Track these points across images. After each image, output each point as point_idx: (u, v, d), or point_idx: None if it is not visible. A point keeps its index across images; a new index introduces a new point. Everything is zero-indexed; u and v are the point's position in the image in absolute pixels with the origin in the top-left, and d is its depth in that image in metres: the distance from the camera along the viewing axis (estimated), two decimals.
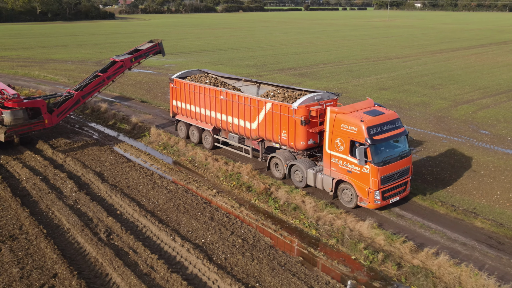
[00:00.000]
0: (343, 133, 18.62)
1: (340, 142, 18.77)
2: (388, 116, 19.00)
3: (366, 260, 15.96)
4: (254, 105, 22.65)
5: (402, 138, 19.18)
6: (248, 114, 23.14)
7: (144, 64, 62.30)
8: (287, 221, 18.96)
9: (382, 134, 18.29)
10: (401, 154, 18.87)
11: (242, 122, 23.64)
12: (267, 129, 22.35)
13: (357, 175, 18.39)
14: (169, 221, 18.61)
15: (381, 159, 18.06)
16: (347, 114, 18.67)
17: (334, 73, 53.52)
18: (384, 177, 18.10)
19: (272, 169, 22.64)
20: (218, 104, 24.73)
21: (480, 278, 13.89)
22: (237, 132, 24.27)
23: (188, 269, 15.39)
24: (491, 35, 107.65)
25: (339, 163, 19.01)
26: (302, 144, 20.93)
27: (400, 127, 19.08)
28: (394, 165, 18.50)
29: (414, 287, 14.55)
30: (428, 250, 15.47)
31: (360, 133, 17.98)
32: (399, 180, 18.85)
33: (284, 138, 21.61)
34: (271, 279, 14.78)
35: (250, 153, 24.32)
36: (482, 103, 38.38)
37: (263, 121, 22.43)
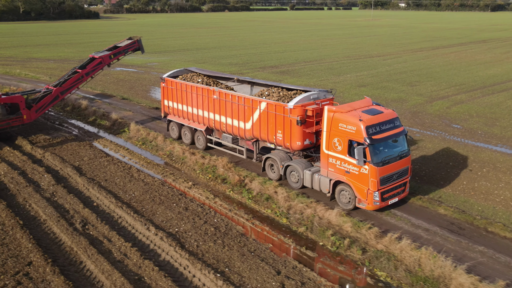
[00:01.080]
0: (341, 133, 18.11)
1: (338, 142, 18.27)
2: (387, 115, 18.52)
3: (333, 246, 16.61)
4: (248, 105, 22.08)
5: (401, 138, 18.70)
6: (242, 114, 22.56)
7: (127, 62, 62.72)
8: (260, 210, 19.55)
9: (381, 133, 17.81)
10: (400, 154, 18.39)
11: (236, 122, 23.07)
12: (262, 129, 21.78)
13: (356, 175, 17.89)
14: (144, 212, 19.08)
15: (380, 159, 17.59)
16: (345, 113, 18.18)
17: (315, 71, 54.26)
18: (383, 178, 17.64)
19: (267, 170, 22.07)
20: (211, 104, 24.18)
21: (438, 260, 14.59)
22: (231, 132, 23.68)
23: (161, 256, 15.89)
24: (471, 34, 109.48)
25: (337, 164, 18.50)
26: (298, 144, 20.44)
27: (399, 126, 18.60)
28: (393, 165, 18.04)
29: (377, 269, 15.23)
30: (391, 235, 16.16)
31: (359, 132, 17.48)
32: (398, 180, 18.40)
33: (279, 139, 21.09)
34: (240, 264, 15.35)
35: (245, 154, 23.70)
36: (456, 99, 39.35)
37: (257, 121, 21.84)
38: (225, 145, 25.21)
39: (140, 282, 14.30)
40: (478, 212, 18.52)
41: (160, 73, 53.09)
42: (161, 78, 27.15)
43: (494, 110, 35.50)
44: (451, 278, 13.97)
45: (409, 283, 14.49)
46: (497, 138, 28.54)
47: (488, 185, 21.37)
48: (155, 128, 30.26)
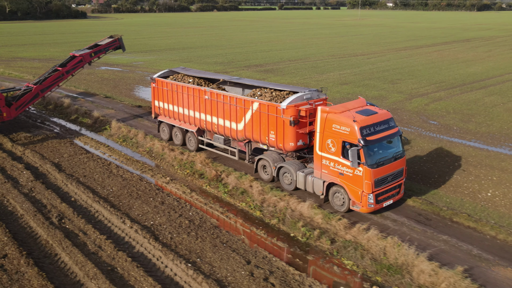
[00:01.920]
0: (334, 134, 17.75)
1: (332, 143, 17.91)
2: (381, 116, 18.14)
3: (303, 237, 17.09)
4: (241, 105, 21.64)
5: (395, 139, 18.38)
6: (234, 115, 22.12)
7: (112, 61, 62.84)
8: (234, 204, 20.00)
9: (376, 134, 17.46)
10: (395, 155, 18.08)
11: (227, 123, 22.60)
12: (254, 130, 21.35)
13: (350, 177, 17.54)
14: (121, 206, 19.43)
15: (375, 160, 17.25)
16: (338, 114, 17.82)
17: (299, 69, 54.80)
18: (378, 180, 17.30)
19: (260, 171, 21.73)
20: (202, 104, 23.72)
21: (402, 249, 15.14)
22: (223, 133, 23.23)
23: (135, 248, 16.26)
24: (456, 33, 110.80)
25: (331, 165, 18.15)
26: (291, 145, 20.03)
27: (393, 127, 18.26)
28: (388, 166, 17.70)
29: (344, 259, 15.74)
30: (360, 226, 16.67)
31: (353, 133, 17.12)
32: (393, 182, 18.08)
33: (272, 139, 20.68)
34: (212, 255, 15.78)
35: (237, 155, 23.16)
36: (435, 96, 40.08)
37: (250, 122, 21.42)
38: (217, 146, 24.72)
39: (112, 273, 14.66)
40: (446, 204, 19.10)
41: (145, 72, 53.46)
42: (152, 78, 26.67)
43: (471, 106, 36.26)
44: (413, 265, 14.51)
45: (373, 271, 15.01)
46: (471, 134, 29.24)
47: (458, 178, 21.98)
48: (137, 125, 30.56)
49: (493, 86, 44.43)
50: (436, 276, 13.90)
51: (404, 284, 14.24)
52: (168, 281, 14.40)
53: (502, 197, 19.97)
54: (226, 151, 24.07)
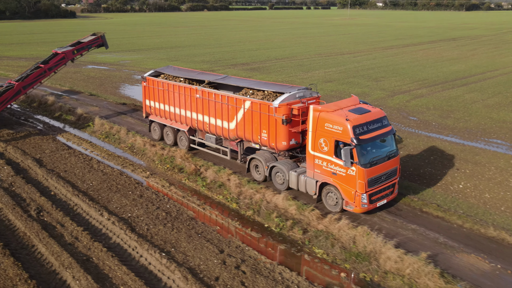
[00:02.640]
0: (327, 133, 17.47)
1: (324, 143, 17.63)
2: (375, 114, 17.82)
3: (276, 227, 17.51)
4: (232, 104, 21.34)
5: (389, 138, 18.12)
6: (225, 113, 21.84)
7: (99, 60, 63.01)
8: (212, 197, 20.38)
9: (369, 133, 17.16)
10: (388, 154, 17.81)
11: (219, 122, 22.33)
12: (246, 129, 21.08)
13: (343, 177, 17.27)
14: (100, 200, 19.74)
15: (368, 160, 16.99)
16: (331, 113, 17.51)
17: (284, 67, 55.26)
18: (371, 179, 17.05)
19: (252, 171, 21.44)
20: (193, 103, 23.42)
21: (370, 237, 15.59)
22: (214, 132, 22.95)
23: (112, 239, 16.60)
24: (443, 32, 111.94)
25: (323, 165, 17.88)
26: (283, 144, 19.81)
27: (387, 126, 17.96)
28: (382, 166, 17.43)
29: (315, 247, 16.18)
30: (331, 216, 17.12)
31: (346, 132, 16.84)
32: (387, 182, 17.82)
33: (264, 139, 20.42)
34: (186, 245, 16.15)
35: (228, 155, 22.89)
36: (417, 93, 40.70)
37: (241, 121, 21.14)
38: (209, 146, 24.44)
39: (88, 262, 14.99)
40: (417, 195, 19.61)
41: (132, 71, 53.69)
42: (142, 77, 26.39)
43: (451, 103, 36.90)
44: (381, 252, 14.96)
45: (343, 258, 15.46)
46: (449, 129, 29.83)
47: (432, 171, 22.52)
48: (120, 122, 30.84)
49: (474, 84, 45.17)
50: (401, 262, 14.37)
51: (371, 270, 14.70)
52: (142, 270, 14.75)
53: (473, 188, 20.53)
54: (218, 150, 23.78)
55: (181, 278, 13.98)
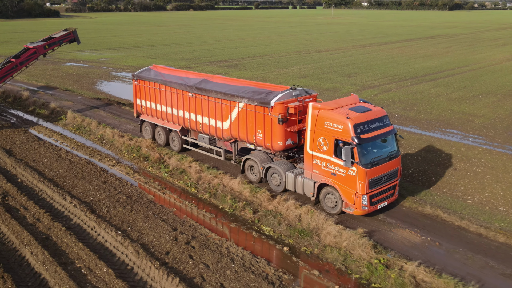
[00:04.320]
0: (326, 132, 16.88)
1: (323, 142, 17.05)
2: (376, 113, 17.22)
3: (230, 208, 18.56)
4: (226, 103, 20.72)
5: (390, 137, 17.53)
6: (219, 113, 21.21)
7: (78, 57, 63.61)
8: (173, 182, 21.37)
9: (370, 132, 16.57)
10: (389, 154, 17.23)
11: (213, 122, 21.70)
12: (241, 129, 20.44)
13: (342, 178, 16.67)
14: (64, 186, 20.63)
15: (369, 160, 16.38)
16: (331, 111, 16.92)
17: (261, 64, 56.37)
18: (372, 180, 16.47)
19: (247, 172, 20.81)
20: (186, 103, 22.82)
21: (314, 215, 16.69)
22: (208, 132, 22.32)
23: (72, 220, 17.52)
24: (422, 31, 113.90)
25: (322, 165, 17.29)
26: (279, 144, 19.13)
27: (388, 125, 17.38)
28: (383, 166, 16.85)
29: (263, 226, 17.25)
30: (280, 197, 18.21)
31: (346, 131, 16.25)
32: (388, 183, 17.26)
33: (259, 139, 19.77)
34: (142, 224, 17.14)
35: (222, 155, 22.22)
36: (385, 88, 42.04)
37: (236, 120, 20.50)
38: (202, 146, 23.87)
39: (47, 240, 15.90)
40: None
41: (110, 68, 54.41)
42: (133, 75, 25.79)
43: (416, 96, 38.26)
44: (322, 228, 16.06)
45: (288, 235, 16.54)
46: (410, 120, 31.12)
47: None
48: (92, 115, 31.67)
49: (442, 79, 46.65)
50: (340, 236, 15.47)
51: (312, 244, 15.80)
52: (99, 247, 15.70)
53: (421, 173, 21.75)
54: (212, 151, 23.17)
55: (133, 253, 14.97)
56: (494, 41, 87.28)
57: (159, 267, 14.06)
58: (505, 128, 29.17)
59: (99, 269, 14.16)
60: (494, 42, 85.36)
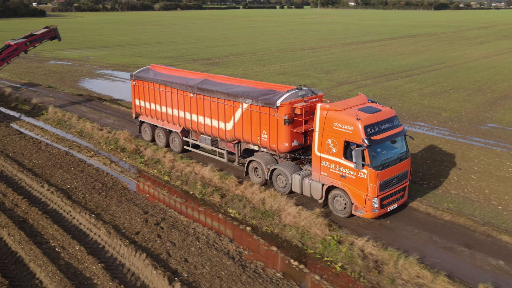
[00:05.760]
0: (335, 133, 16.46)
1: (332, 143, 16.63)
2: (385, 114, 16.87)
3: (199, 194, 19.68)
4: (229, 103, 20.34)
5: (399, 138, 17.25)
6: (222, 114, 20.78)
7: (62, 56, 64.24)
8: (148, 171, 22.43)
9: (380, 133, 16.22)
10: (400, 156, 16.91)
11: (215, 123, 21.28)
12: (245, 130, 20.01)
13: (352, 180, 16.31)
14: (43, 175, 21.59)
15: (380, 162, 16.05)
16: (340, 112, 16.51)
17: (243, 62, 57.47)
18: (383, 183, 16.13)
19: (251, 174, 20.36)
20: (187, 103, 22.35)
21: (276, 198, 17.85)
22: (210, 133, 21.88)
23: (49, 205, 18.51)
24: (405, 29, 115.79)
25: (331, 167, 16.87)
26: (285, 146, 18.74)
27: (398, 126, 17.05)
28: (393, 168, 16.52)
29: (229, 209, 18.40)
30: (246, 182, 19.36)
31: (356, 132, 15.87)
32: (398, 185, 16.95)
33: (264, 140, 19.36)
34: (116, 208, 18.20)
35: (225, 157, 21.82)
36: (361, 84, 43.37)
37: (239, 121, 20.08)
38: (204, 148, 23.59)
39: (24, 223, 16.88)
40: None
41: (94, 66, 55.18)
42: (131, 75, 25.37)
43: (389, 92, 39.62)
44: (284, 210, 17.23)
45: (251, 216, 17.70)
46: None
47: None
48: (73, 110, 32.57)
49: (417, 75, 48.12)
50: (299, 216, 16.64)
51: (273, 224, 16.97)
52: (73, 228, 16.72)
53: None
54: (214, 152, 22.80)
55: (105, 233, 16.02)
56: (473, 40, 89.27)
57: (128, 245, 15.12)
58: (469, 120, 30.59)
59: (72, 247, 15.19)
60: (473, 41, 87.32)
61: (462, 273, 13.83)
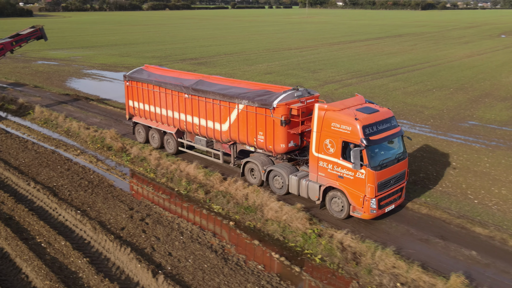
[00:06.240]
0: (333, 133, 16.45)
1: (330, 144, 16.62)
2: (383, 114, 16.92)
3: (184, 190, 20.05)
4: (225, 104, 20.31)
5: (397, 139, 17.30)
6: (217, 114, 20.77)
7: (50, 56, 64.14)
8: (134, 169, 22.73)
9: (379, 134, 16.26)
10: (397, 156, 16.95)
11: (210, 124, 21.25)
12: (241, 131, 20.01)
13: (350, 181, 16.30)
14: (29, 173, 21.81)
15: (378, 162, 16.06)
16: (338, 112, 16.52)
17: (231, 62, 57.86)
18: (381, 183, 16.14)
19: (247, 175, 20.35)
20: (182, 104, 22.27)
21: (259, 193, 18.27)
22: (205, 134, 21.85)
23: (36, 203, 18.75)
24: (392, 29, 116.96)
25: (329, 168, 16.86)
26: (282, 147, 18.72)
27: (396, 126, 17.13)
28: (391, 169, 16.54)
29: (214, 204, 18.79)
30: (230, 178, 19.77)
31: (355, 133, 15.86)
32: (396, 186, 17.01)
33: (261, 141, 19.32)
34: (101, 205, 18.50)
35: (221, 158, 21.83)
36: (347, 83, 43.99)
37: (235, 122, 20.07)
38: (198, 149, 23.58)
39: (10, 220, 17.12)
40: None
41: (81, 66, 55.21)
42: (125, 76, 25.17)
43: (374, 90, 40.27)
44: (266, 205, 17.66)
45: (235, 211, 18.11)
46: None
47: None
48: (60, 110, 32.73)
49: (402, 74, 48.89)
50: (280, 211, 17.08)
51: (256, 219, 17.39)
52: (59, 225, 17.00)
53: None
54: (209, 153, 22.90)
55: (91, 229, 16.33)
56: (458, 39, 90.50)
57: (113, 240, 15.45)
58: (451, 118, 31.29)
59: (58, 242, 15.48)
60: (458, 40, 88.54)
61: (436, 263, 14.39)
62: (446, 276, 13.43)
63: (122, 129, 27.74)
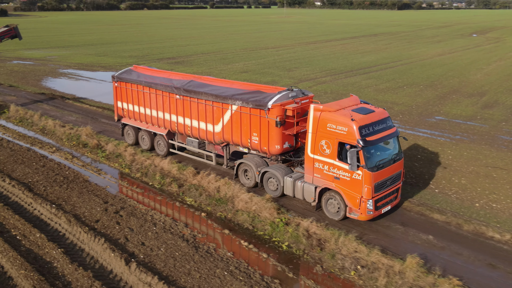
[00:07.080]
0: (329, 134, 16.32)
1: (326, 145, 16.49)
2: (379, 115, 16.85)
3: (158, 184, 20.62)
4: (218, 105, 20.06)
5: (392, 139, 17.25)
6: (210, 115, 20.51)
7: (25, 56, 63.71)
8: (109, 165, 23.19)
9: (375, 134, 16.18)
10: (393, 157, 16.93)
11: (203, 125, 20.98)
12: (234, 132, 19.77)
13: (347, 182, 16.19)
14: (4, 170, 22.09)
15: (374, 163, 16.04)
16: (334, 112, 16.40)
17: (208, 61, 58.37)
18: (378, 184, 16.10)
19: (241, 176, 20.11)
20: (173, 105, 21.98)
21: (230, 186, 18.97)
22: (197, 136, 21.57)
23: (11, 198, 19.10)
24: (368, 29, 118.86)
25: (324, 169, 16.74)
26: (277, 148, 18.57)
27: (391, 127, 17.05)
28: (387, 170, 16.51)
29: (186, 197, 19.42)
30: (203, 172, 20.43)
31: (351, 133, 15.74)
32: (392, 186, 17.01)
33: (255, 142, 19.14)
34: (76, 199, 18.96)
35: (214, 160, 21.59)
36: (321, 80, 44.97)
37: (229, 123, 19.83)
38: (190, 150, 23.38)
39: None
40: None
41: (57, 65, 55.05)
42: (113, 77, 24.82)
43: (347, 88, 41.30)
44: (237, 196, 18.36)
45: (207, 203, 18.78)
46: None
47: None
48: (35, 108, 32.88)
49: (375, 72, 50.12)
50: (250, 202, 17.79)
51: (227, 210, 18.08)
52: (34, 218, 17.42)
53: None
54: (202, 155, 22.61)
55: (66, 222, 16.80)
56: (431, 38, 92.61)
57: (88, 231, 15.96)
58: (419, 114, 32.46)
59: (33, 235, 15.92)
60: (431, 39, 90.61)
61: (395, 247, 15.31)
62: (403, 258, 14.32)
63: (98, 127, 28.12)
